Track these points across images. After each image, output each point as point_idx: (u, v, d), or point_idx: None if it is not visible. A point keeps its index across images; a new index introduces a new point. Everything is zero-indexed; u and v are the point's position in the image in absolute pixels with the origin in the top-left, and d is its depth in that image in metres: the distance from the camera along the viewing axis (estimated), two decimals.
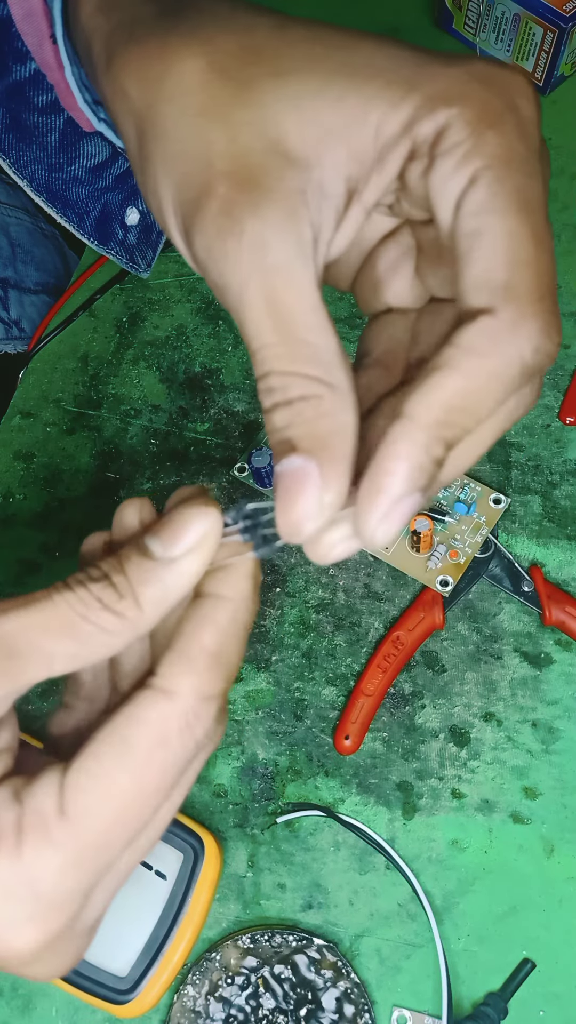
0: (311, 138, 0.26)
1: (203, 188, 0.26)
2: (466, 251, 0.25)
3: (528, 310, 0.25)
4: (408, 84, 0.26)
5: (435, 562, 0.56)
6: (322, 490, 0.25)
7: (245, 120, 0.26)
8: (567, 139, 0.72)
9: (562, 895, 0.50)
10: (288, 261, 0.25)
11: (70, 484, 0.60)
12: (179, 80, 0.27)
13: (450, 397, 0.25)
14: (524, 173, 0.25)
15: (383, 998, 0.48)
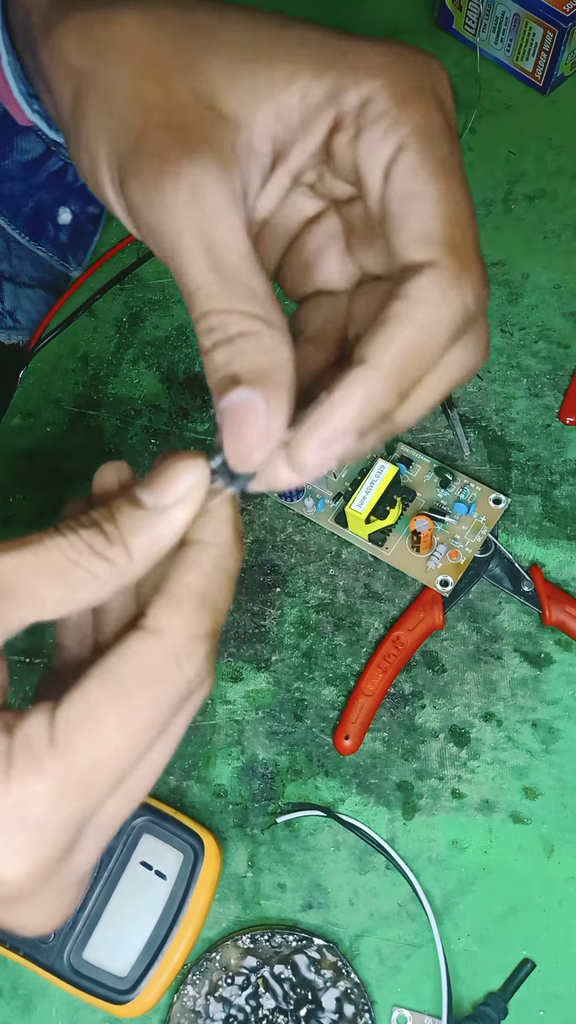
0: (242, 99, 0.27)
1: (141, 137, 0.27)
2: (402, 212, 0.27)
3: (468, 262, 0.27)
4: (334, 56, 0.27)
5: (435, 562, 0.56)
6: (268, 418, 0.27)
7: (182, 80, 0.27)
8: (567, 139, 0.72)
9: (562, 895, 0.50)
10: (223, 206, 0.26)
11: (70, 484, 0.60)
12: (121, 42, 0.28)
13: (407, 345, 0.26)
14: (448, 142, 0.27)
15: (383, 998, 0.48)
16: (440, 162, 0.27)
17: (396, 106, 0.26)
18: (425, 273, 0.26)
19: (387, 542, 0.57)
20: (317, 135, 0.28)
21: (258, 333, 0.26)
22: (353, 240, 0.31)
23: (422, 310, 0.26)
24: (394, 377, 0.26)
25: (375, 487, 0.55)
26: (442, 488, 0.58)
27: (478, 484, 0.58)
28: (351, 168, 0.28)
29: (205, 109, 0.27)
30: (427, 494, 0.58)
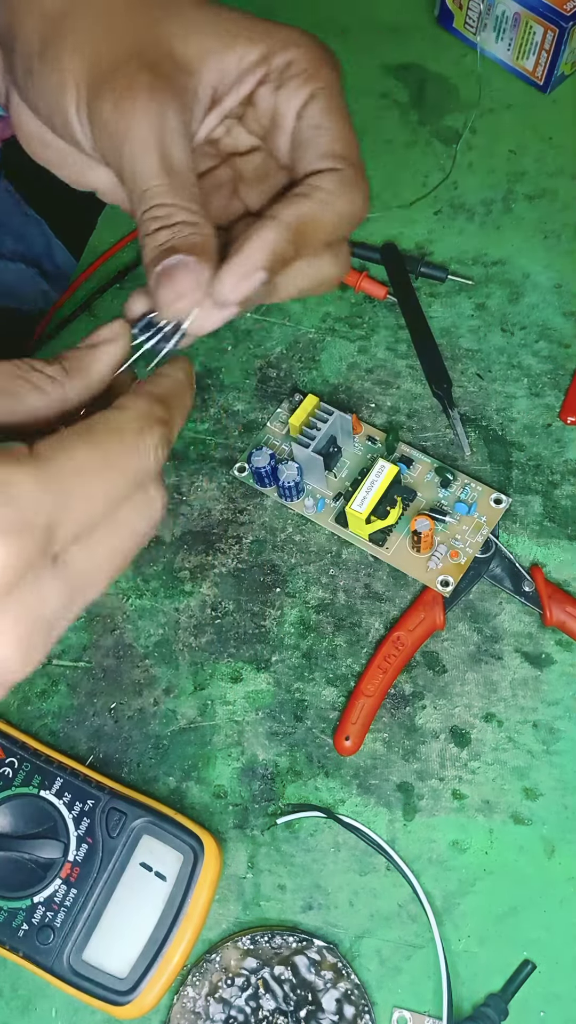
0: (194, 55, 0.35)
1: (117, 63, 0.34)
2: (311, 138, 0.36)
3: (361, 174, 0.36)
4: (265, 33, 0.36)
5: (436, 562, 0.56)
6: (199, 272, 0.33)
7: (148, 32, 0.35)
8: (567, 139, 0.72)
9: (563, 896, 0.50)
10: (178, 127, 0.34)
11: None
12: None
13: (305, 212, 0.34)
14: (343, 97, 0.37)
15: (383, 999, 0.48)
16: (340, 108, 0.37)
17: (311, 67, 0.36)
18: (329, 172, 0.35)
19: (388, 542, 0.57)
20: (246, 88, 0.36)
21: (197, 223, 0.33)
22: (244, 185, 0.39)
23: (323, 193, 0.35)
24: (294, 231, 0.34)
25: (375, 487, 0.55)
26: (443, 488, 0.58)
27: (479, 484, 0.58)
28: (269, 113, 0.36)
29: (166, 57, 0.34)
30: (428, 494, 0.58)
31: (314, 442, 0.56)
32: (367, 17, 0.78)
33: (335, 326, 0.65)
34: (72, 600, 0.31)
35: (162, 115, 0.33)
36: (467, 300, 0.66)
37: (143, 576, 0.57)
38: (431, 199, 0.70)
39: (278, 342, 0.65)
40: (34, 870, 0.47)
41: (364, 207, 0.36)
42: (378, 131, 0.73)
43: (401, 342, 0.64)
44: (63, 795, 0.49)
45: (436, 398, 0.62)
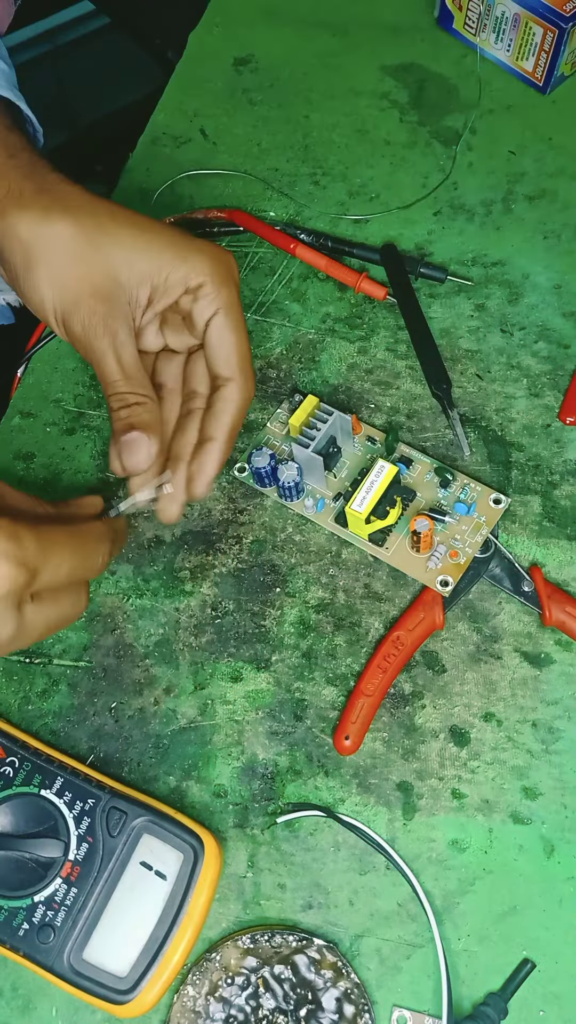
0: (133, 277, 0.48)
1: (76, 298, 0.48)
2: (216, 346, 0.51)
3: (249, 376, 0.51)
4: (181, 259, 0.49)
5: (435, 562, 0.56)
6: (149, 446, 0.49)
7: (99, 266, 0.48)
8: (567, 139, 0.72)
9: (562, 895, 0.50)
10: (127, 337, 0.49)
11: (70, 484, 0.60)
12: (56, 234, 0.47)
13: (231, 423, 0.51)
14: (239, 309, 0.51)
15: (383, 998, 0.48)
16: (237, 321, 0.50)
17: (215, 289, 0.49)
18: (230, 384, 0.51)
19: (387, 542, 0.57)
20: (172, 296, 0.50)
21: (145, 403, 0.49)
22: (165, 327, 0.53)
23: (233, 403, 0.51)
24: (229, 441, 0.51)
25: (375, 487, 0.55)
26: (442, 488, 0.58)
27: (478, 484, 0.58)
28: (187, 312, 0.51)
29: (112, 282, 0.48)
30: (427, 494, 0.58)
31: (314, 442, 0.56)
32: (367, 17, 0.78)
33: (335, 327, 0.65)
34: (12, 641, 0.44)
35: (114, 333, 0.48)
36: (467, 301, 0.66)
37: (143, 576, 0.58)
38: (431, 200, 0.70)
39: (278, 342, 0.65)
40: (35, 869, 0.47)
41: (249, 400, 0.52)
42: (378, 131, 0.73)
43: (401, 343, 0.64)
44: (64, 794, 0.49)
45: (436, 398, 0.62)
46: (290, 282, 0.67)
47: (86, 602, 0.49)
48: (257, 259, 0.68)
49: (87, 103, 1.45)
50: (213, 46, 0.78)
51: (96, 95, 1.43)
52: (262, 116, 0.74)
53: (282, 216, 0.70)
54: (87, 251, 0.48)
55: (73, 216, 0.48)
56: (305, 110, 0.74)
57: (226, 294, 0.50)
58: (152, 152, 0.73)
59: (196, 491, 0.51)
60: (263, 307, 0.66)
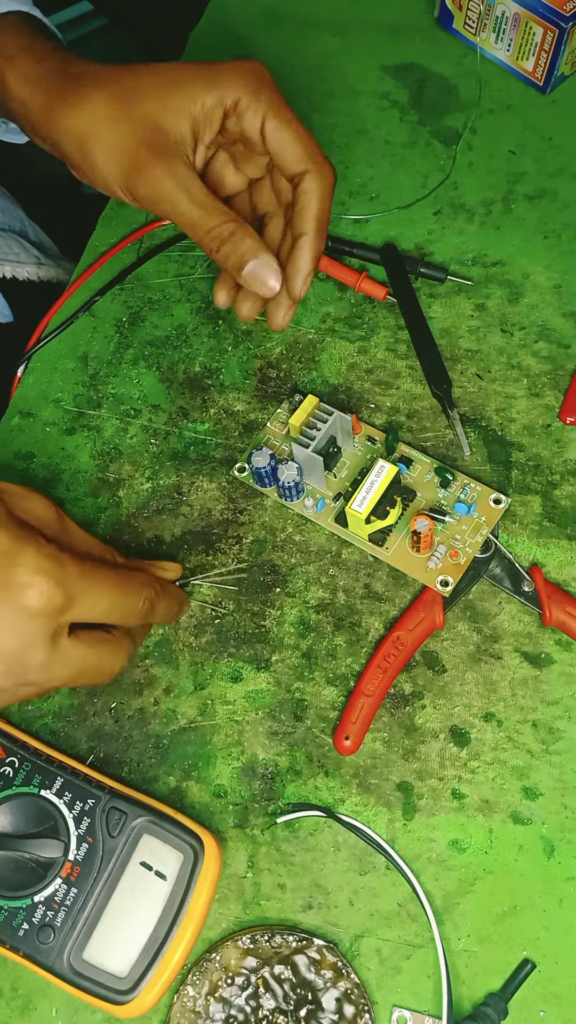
0: (170, 118, 0.51)
1: (131, 161, 0.50)
2: (279, 150, 0.52)
3: (322, 162, 0.52)
4: (211, 81, 0.51)
5: (435, 562, 0.56)
6: (269, 267, 0.52)
7: (139, 120, 0.51)
8: (567, 139, 0.72)
9: (562, 895, 0.50)
10: (187, 173, 0.50)
11: (70, 484, 0.60)
12: (93, 111, 0.51)
13: (316, 213, 0.53)
14: (284, 106, 0.51)
15: (383, 998, 0.48)
16: (286, 117, 0.51)
17: (253, 99, 0.51)
18: (308, 175, 0.52)
19: (387, 542, 0.57)
20: (215, 124, 0.52)
21: (236, 230, 0.51)
22: (239, 162, 0.56)
23: (316, 193, 0.52)
24: (318, 232, 0.53)
25: (375, 487, 0.55)
26: (442, 488, 0.58)
27: (478, 484, 0.58)
28: (238, 134, 0.52)
29: (156, 131, 0.50)
30: (427, 494, 0.58)
31: (314, 442, 0.56)
32: (367, 17, 0.78)
33: (335, 326, 0.65)
34: (42, 669, 0.44)
35: (174, 173, 0.50)
36: (467, 300, 0.66)
37: None
38: (431, 199, 0.70)
39: (278, 342, 0.65)
40: (34, 869, 0.47)
41: (334, 180, 0.53)
42: (378, 131, 0.73)
43: (401, 342, 0.64)
44: (63, 794, 0.49)
45: (436, 398, 0.62)
46: None
47: (124, 660, 0.48)
48: None
49: None
50: (213, 46, 0.78)
51: None
52: None
53: None
54: (123, 112, 0.50)
55: (102, 88, 0.51)
56: (305, 110, 0.74)
57: (266, 98, 0.51)
58: None
59: (293, 291, 0.53)
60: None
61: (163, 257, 0.68)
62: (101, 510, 0.59)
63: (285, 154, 0.52)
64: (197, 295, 0.66)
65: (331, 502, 0.59)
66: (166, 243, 0.68)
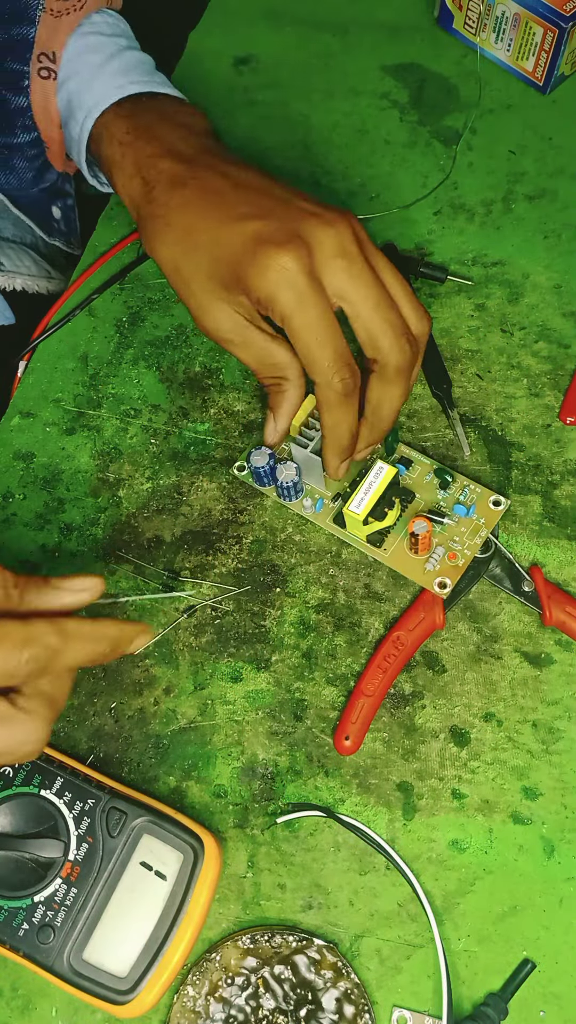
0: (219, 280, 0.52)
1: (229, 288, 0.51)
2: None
3: (399, 365, 0.52)
4: (236, 277, 0.51)
5: (433, 564, 0.56)
6: (271, 426, 0.55)
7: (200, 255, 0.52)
8: (567, 139, 0.72)
9: (562, 895, 0.50)
10: (245, 329, 0.52)
11: (70, 484, 0.60)
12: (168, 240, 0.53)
13: (376, 412, 0.54)
14: (302, 311, 0.50)
15: (383, 998, 0.48)
16: (302, 325, 0.50)
17: (270, 303, 0.50)
18: (373, 375, 0.53)
19: (385, 543, 0.57)
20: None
21: (277, 384, 0.54)
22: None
23: (375, 392, 0.53)
24: (376, 429, 0.55)
25: (373, 488, 0.55)
26: (442, 489, 0.58)
27: (477, 486, 0.58)
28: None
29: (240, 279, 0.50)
30: (426, 495, 0.58)
31: (312, 443, 0.56)
32: (367, 17, 0.78)
33: None
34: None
35: (238, 329, 0.52)
36: (467, 300, 0.66)
37: (143, 576, 0.58)
38: (431, 199, 0.70)
39: None
40: (34, 869, 0.47)
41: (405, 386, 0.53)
42: (378, 131, 0.73)
43: None
44: (63, 794, 0.49)
45: (436, 398, 0.62)
46: None
47: (41, 732, 0.40)
48: None
49: None
50: (213, 46, 0.78)
51: None
52: (262, 116, 0.74)
53: None
54: (188, 259, 0.52)
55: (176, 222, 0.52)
56: (305, 110, 0.74)
57: (283, 303, 0.49)
58: None
59: (328, 468, 0.56)
60: None
61: None
62: (101, 510, 0.59)
63: (305, 362, 0.51)
64: None
65: (330, 502, 0.59)
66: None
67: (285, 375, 0.53)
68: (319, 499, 0.58)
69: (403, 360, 0.51)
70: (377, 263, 0.51)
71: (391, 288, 0.51)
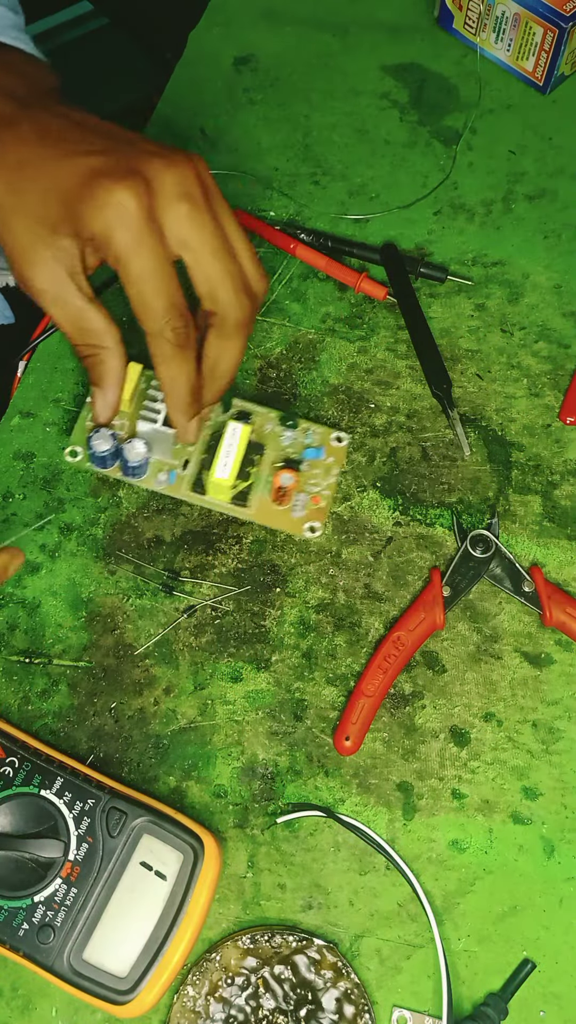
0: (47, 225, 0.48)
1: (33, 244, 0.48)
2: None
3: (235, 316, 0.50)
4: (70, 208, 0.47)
5: (298, 511, 0.57)
6: (100, 400, 0.52)
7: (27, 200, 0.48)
8: (567, 139, 0.72)
9: (562, 895, 0.50)
10: (64, 284, 0.48)
11: (70, 484, 0.60)
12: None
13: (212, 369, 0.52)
14: (135, 257, 0.47)
15: (383, 998, 0.48)
16: (137, 272, 0.48)
17: (105, 242, 0.47)
18: (211, 327, 0.51)
19: (248, 501, 0.57)
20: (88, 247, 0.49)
21: (95, 355, 0.51)
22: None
23: (209, 347, 0.52)
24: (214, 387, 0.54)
25: (234, 450, 0.55)
26: (288, 430, 0.59)
27: (319, 426, 0.59)
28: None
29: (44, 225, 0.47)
30: (273, 445, 0.59)
31: (160, 415, 0.56)
32: (367, 17, 0.78)
33: (335, 327, 0.65)
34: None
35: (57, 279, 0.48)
36: (467, 300, 0.66)
37: (143, 576, 0.58)
38: (431, 199, 0.70)
39: (278, 342, 0.65)
40: (34, 869, 0.47)
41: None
42: (378, 131, 0.73)
43: (401, 342, 0.64)
44: (63, 794, 0.49)
45: (436, 398, 0.62)
46: (290, 282, 0.67)
47: None
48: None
49: (86, 103, 1.44)
50: (213, 46, 0.78)
51: (95, 95, 1.43)
52: (262, 116, 0.74)
53: (282, 216, 0.69)
54: (15, 196, 0.47)
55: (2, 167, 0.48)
56: (305, 110, 0.74)
57: (118, 243, 0.45)
58: None
59: (178, 431, 0.53)
60: (263, 307, 0.66)
61: None
62: (101, 510, 0.59)
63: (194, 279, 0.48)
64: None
65: (180, 471, 0.58)
66: None
67: (102, 343, 0.50)
68: (171, 471, 0.58)
69: (243, 315, 0.49)
70: (221, 212, 0.48)
71: (233, 241, 0.49)
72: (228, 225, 0.49)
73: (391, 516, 0.59)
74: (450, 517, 0.58)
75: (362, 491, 0.59)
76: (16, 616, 0.56)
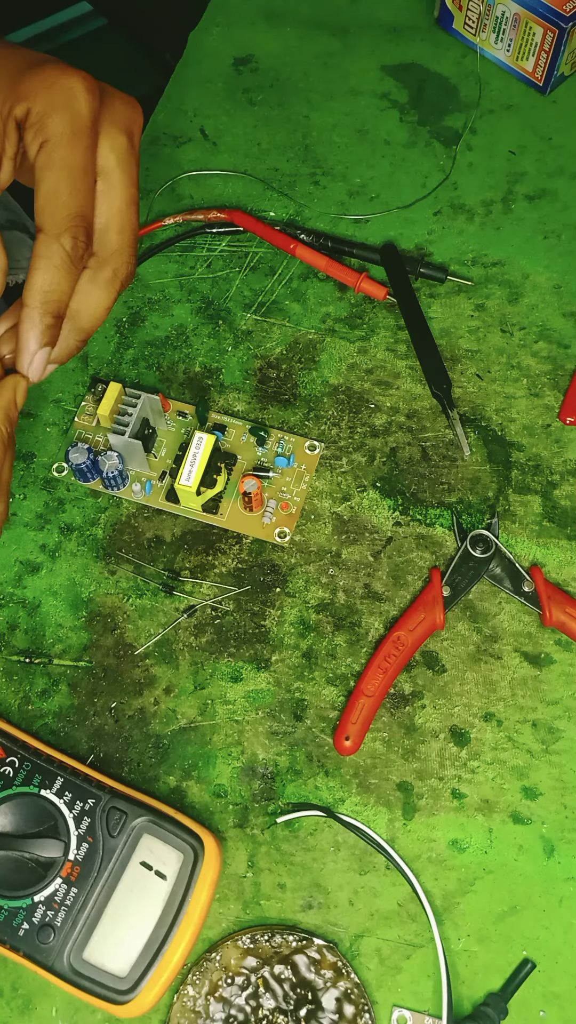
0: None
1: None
2: (36, 191, 0.42)
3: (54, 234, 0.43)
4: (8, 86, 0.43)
5: (269, 517, 0.58)
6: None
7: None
8: (567, 139, 0.72)
9: (562, 895, 0.50)
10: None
11: (70, 484, 0.60)
12: None
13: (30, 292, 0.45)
14: (70, 144, 0.42)
15: (383, 998, 0.48)
16: (60, 159, 0.43)
17: (39, 119, 0.43)
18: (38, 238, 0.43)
19: (220, 508, 0.58)
20: (12, 136, 0.44)
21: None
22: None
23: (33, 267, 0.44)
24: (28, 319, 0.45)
25: (198, 458, 0.56)
26: (260, 446, 0.60)
27: (292, 435, 0.60)
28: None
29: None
30: (247, 454, 0.60)
31: (128, 428, 0.57)
32: (367, 17, 0.78)
33: (335, 327, 0.65)
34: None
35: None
36: (467, 300, 0.66)
37: (143, 576, 0.58)
38: (431, 200, 0.70)
39: (278, 342, 0.65)
40: (35, 869, 0.47)
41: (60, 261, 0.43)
42: (378, 131, 0.73)
43: (401, 342, 0.64)
44: (64, 794, 0.49)
45: (436, 398, 0.62)
46: (290, 282, 0.67)
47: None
48: (257, 259, 0.68)
49: None
50: (213, 46, 0.78)
51: None
52: (262, 116, 0.74)
53: (282, 216, 0.69)
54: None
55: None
56: (305, 110, 0.74)
57: (55, 125, 0.42)
58: (152, 152, 0.73)
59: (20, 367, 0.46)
60: (263, 307, 0.66)
61: (163, 257, 0.68)
62: (101, 510, 0.59)
63: (37, 203, 0.43)
64: (197, 295, 0.66)
65: (157, 482, 0.59)
66: (166, 243, 0.68)
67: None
68: (147, 481, 0.59)
69: (125, 271, 0.46)
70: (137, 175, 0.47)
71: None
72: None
73: (391, 516, 0.59)
74: (450, 517, 0.58)
75: (362, 491, 0.59)
76: (16, 616, 0.56)
